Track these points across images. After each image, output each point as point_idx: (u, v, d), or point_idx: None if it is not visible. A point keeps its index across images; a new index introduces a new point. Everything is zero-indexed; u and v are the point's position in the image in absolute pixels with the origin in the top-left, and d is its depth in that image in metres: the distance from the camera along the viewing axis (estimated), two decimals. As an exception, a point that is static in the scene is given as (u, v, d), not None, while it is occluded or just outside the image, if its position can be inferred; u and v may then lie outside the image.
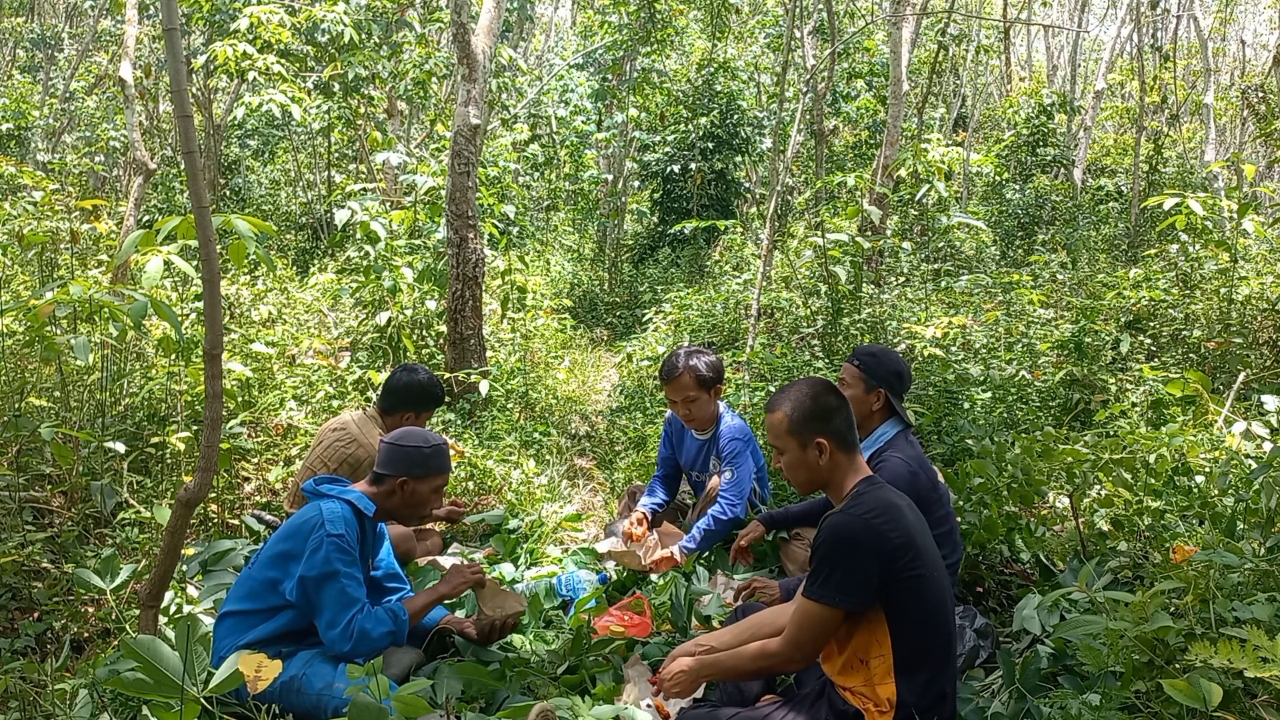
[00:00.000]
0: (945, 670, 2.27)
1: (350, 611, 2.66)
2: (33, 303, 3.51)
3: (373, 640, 2.67)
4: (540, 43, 21.49)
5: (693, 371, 3.84)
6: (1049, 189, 13.29)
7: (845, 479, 2.36)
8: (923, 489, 3.10)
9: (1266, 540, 2.92)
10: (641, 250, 13.34)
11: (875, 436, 3.28)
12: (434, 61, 9.41)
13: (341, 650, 2.65)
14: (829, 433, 2.33)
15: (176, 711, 1.98)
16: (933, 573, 2.24)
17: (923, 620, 2.21)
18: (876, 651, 2.23)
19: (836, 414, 2.36)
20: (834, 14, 10.77)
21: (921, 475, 3.11)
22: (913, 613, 2.20)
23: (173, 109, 3.34)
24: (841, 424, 2.36)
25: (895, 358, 3.34)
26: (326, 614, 2.66)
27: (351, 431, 3.82)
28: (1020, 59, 23.12)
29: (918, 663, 2.21)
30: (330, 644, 2.67)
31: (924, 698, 2.21)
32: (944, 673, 2.26)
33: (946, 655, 2.28)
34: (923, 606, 2.21)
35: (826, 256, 6.88)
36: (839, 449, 2.34)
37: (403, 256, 6.35)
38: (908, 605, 2.20)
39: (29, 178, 6.58)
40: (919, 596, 2.21)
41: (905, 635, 2.20)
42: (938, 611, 2.24)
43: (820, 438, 2.33)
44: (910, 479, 3.07)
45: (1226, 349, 5.79)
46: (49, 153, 12.64)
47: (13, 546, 3.39)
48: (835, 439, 2.34)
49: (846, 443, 2.36)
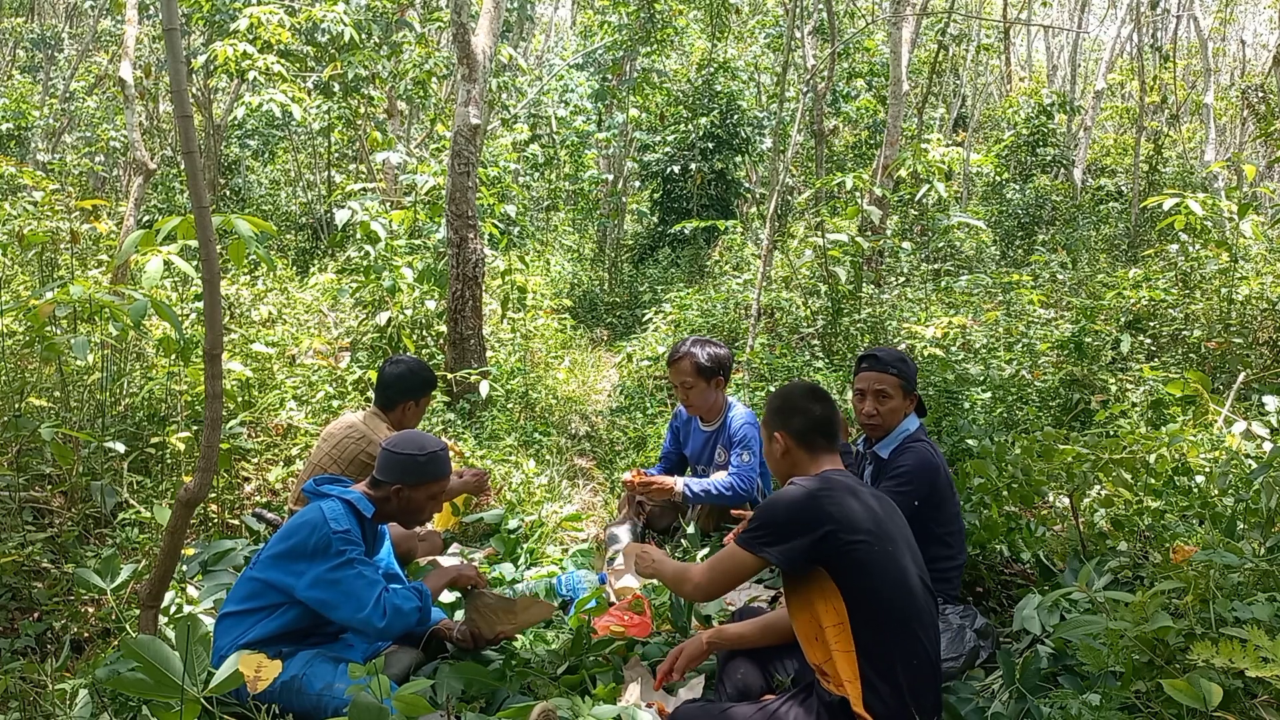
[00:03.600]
0: (908, 650, 2.26)
1: (376, 590, 2.65)
2: (33, 303, 3.51)
3: (405, 615, 2.68)
4: (540, 43, 21.50)
5: (692, 359, 3.98)
6: (1049, 189, 13.29)
7: (804, 472, 2.52)
8: (940, 483, 3.17)
9: (1266, 540, 2.93)
10: (641, 250, 13.34)
11: (897, 433, 3.31)
12: (434, 61, 9.41)
13: (377, 627, 2.63)
14: (787, 429, 2.53)
15: (176, 711, 1.98)
16: (878, 548, 2.30)
17: (871, 590, 2.27)
18: (832, 619, 2.29)
19: (801, 414, 2.52)
20: (834, 14, 10.78)
21: (942, 469, 3.19)
22: (859, 582, 2.28)
23: (173, 109, 3.34)
24: (801, 424, 2.52)
25: (908, 356, 3.43)
26: (353, 600, 2.63)
27: (361, 429, 3.84)
28: (1020, 59, 23.13)
29: (875, 638, 2.25)
30: (364, 624, 2.63)
31: (888, 677, 2.23)
32: (907, 653, 2.26)
33: (902, 632, 2.27)
34: (869, 578, 2.27)
35: (826, 256, 6.88)
36: (799, 445, 2.52)
37: (403, 256, 6.35)
38: (852, 576, 2.28)
39: (29, 178, 6.58)
40: (863, 568, 2.28)
41: (857, 605, 2.27)
42: (886, 588, 2.28)
43: (777, 431, 2.54)
44: (932, 471, 3.15)
45: (1226, 349, 5.79)
46: (49, 153, 12.64)
47: (13, 546, 3.39)
48: (795, 436, 2.52)
49: (806, 441, 2.52)
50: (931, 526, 3.13)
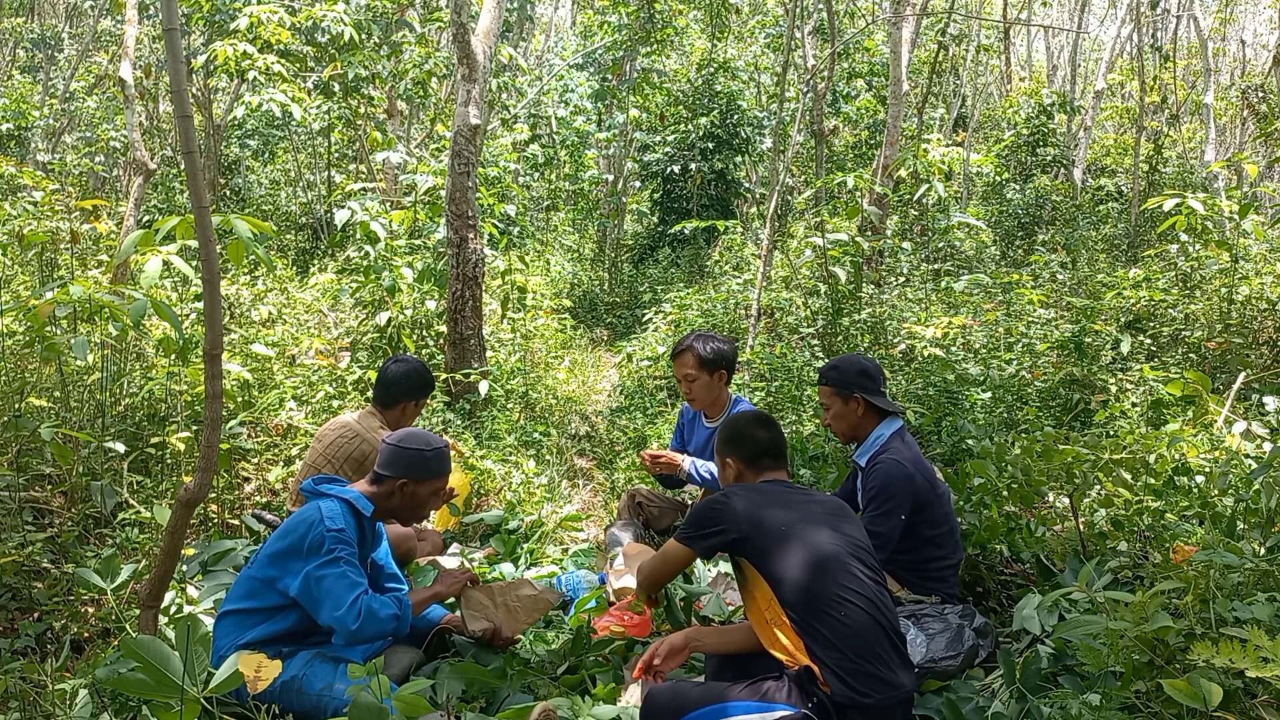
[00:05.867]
0: (835, 617, 2.37)
1: (355, 592, 2.64)
2: (33, 303, 3.52)
3: (379, 621, 2.64)
4: (540, 43, 21.49)
5: (694, 351, 4.01)
6: (1049, 189, 13.29)
7: None
8: (919, 489, 3.11)
9: (1266, 540, 2.93)
10: (641, 250, 13.34)
11: (871, 440, 3.29)
12: (434, 61, 9.41)
13: (350, 628, 2.59)
14: (735, 455, 2.82)
15: (176, 711, 1.98)
16: (791, 536, 2.50)
17: (785, 570, 2.46)
18: (766, 599, 2.49)
19: (750, 441, 2.79)
20: (834, 14, 10.77)
21: (918, 476, 3.12)
22: (772, 565, 2.49)
23: (173, 109, 3.34)
24: (750, 449, 2.79)
25: (855, 359, 3.41)
26: (331, 598, 2.62)
27: (354, 428, 3.84)
28: (1020, 59, 23.12)
29: (803, 611, 2.41)
30: (338, 625, 2.61)
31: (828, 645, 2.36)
32: (836, 620, 2.37)
33: (825, 599, 2.39)
34: (782, 561, 2.47)
35: (826, 256, 6.88)
36: (748, 468, 2.80)
37: (403, 256, 6.35)
38: (765, 562, 2.49)
39: (29, 178, 6.58)
40: (771, 554, 2.49)
41: (777, 583, 2.46)
42: (797, 564, 2.46)
43: (727, 458, 2.83)
44: (905, 481, 3.09)
45: (1226, 349, 5.79)
46: (49, 153, 12.64)
47: (13, 546, 3.39)
48: (744, 461, 2.81)
49: (754, 464, 2.79)
50: (922, 530, 3.13)
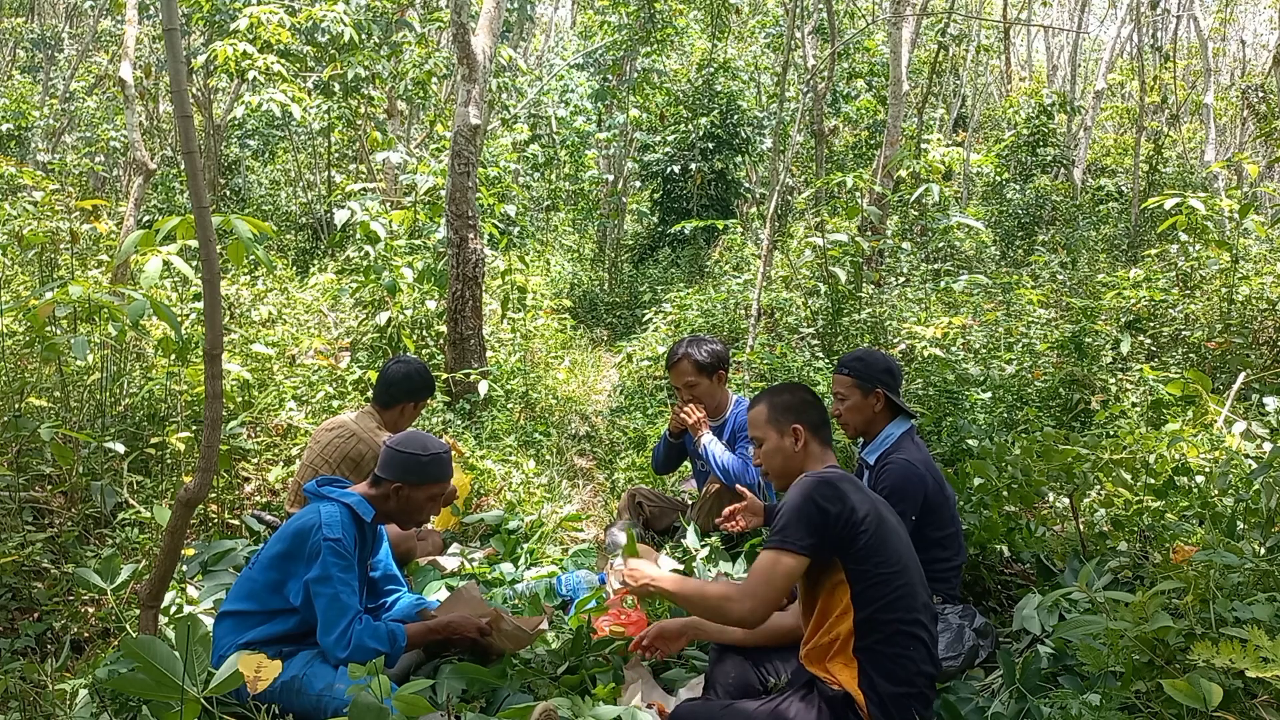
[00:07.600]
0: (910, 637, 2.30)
1: (345, 619, 2.65)
2: (33, 303, 3.52)
3: (367, 653, 2.64)
4: (540, 43, 21.48)
5: (690, 358, 4.00)
6: (1049, 189, 13.29)
7: (815, 466, 2.56)
8: (930, 492, 3.10)
9: (1266, 540, 2.92)
10: (641, 250, 13.33)
11: (882, 438, 3.28)
12: (434, 61, 9.41)
13: (337, 657, 2.65)
14: (804, 421, 2.58)
15: (176, 711, 1.98)
16: (876, 535, 2.32)
17: (874, 574, 2.30)
18: (832, 611, 2.34)
19: (813, 408, 2.61)
20: (834, 14, 10.77)
21: (929, 478, 3.12)
22: (863, 568, 2.31)
23: (173, 109, 3.34)
24: (816, 416, 2.60)
25: (881, 356, 3.38)
26: (322, 621, 2.67)
27: (350, 428, 3.84)
28: (1020, 59, 23.12)
29: (877, 645, 2.29)
30: (326, 649, 2.67)
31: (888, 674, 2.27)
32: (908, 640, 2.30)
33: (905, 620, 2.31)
34: (872, 562, 2.30)
35: (826, 256, 6.88)
36: (814, 437, 2.58)
37: (403, 256, 6.35)
38: (859, 561, 2.30)
39: (29, 178, 6.58)
40: (866, 553, 2.30)
41: (862, 591, 2.30)
42: (885, 570, 2.31)
43: (796, 424, 2.58)
44: (918, 482, 3.08)
45: (1226, 349, 5.79)
46: (49, 153, 12.63)
47: (13, 546, 3.39)
48: (811, 429, 2.58)
49: (821, 434, 2.60)
50: (929, 532, 3.12)
